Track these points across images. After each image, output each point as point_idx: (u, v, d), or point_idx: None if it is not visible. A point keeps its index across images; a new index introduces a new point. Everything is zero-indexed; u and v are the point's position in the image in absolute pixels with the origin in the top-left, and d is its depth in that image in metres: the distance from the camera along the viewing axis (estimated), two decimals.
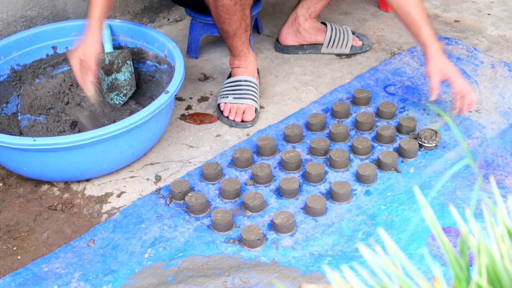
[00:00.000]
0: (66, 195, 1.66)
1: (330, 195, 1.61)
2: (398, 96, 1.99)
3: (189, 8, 2.14)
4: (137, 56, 1.95)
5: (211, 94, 2.05)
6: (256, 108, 1.92)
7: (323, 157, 1.75)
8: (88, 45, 1.69)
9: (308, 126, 1.86)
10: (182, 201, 1.61)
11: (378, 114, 1.90)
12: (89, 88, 1.73)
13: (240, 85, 1.93)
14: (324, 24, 2.23)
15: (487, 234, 0.67)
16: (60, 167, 1.61)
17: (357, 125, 1.85)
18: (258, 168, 1.67)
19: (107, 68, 1.86)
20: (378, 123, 1.87)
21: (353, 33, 2.25)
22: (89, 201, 1.65)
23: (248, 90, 1.92)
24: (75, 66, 1.68)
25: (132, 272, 1.43)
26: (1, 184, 1.71)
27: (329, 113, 1.92)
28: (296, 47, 2.23)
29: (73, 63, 1.69)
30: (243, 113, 1.89)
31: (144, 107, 1.71)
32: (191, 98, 2.03)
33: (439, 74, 1.75)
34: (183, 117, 1.94)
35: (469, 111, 1.89)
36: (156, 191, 1.66)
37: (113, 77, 1.87)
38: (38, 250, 1.51)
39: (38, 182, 1.70)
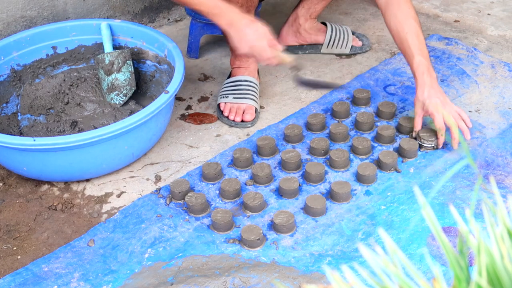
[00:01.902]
0: (66, 195, 1.66)
1: (330, 195, 1.61)
2: (398, 96, 1.99)
3: None
4: (137, 56, 1.95)
5: (211, 94, 2.05)
6: (256, 108, 1.92)
7: (323, 157, 1.75)
8: (259, 29, 1.63)
9: (308, 126, 1.86)
10: (182, 201, 1.61)
11: (378, 114, 1.90)
12: (285, 56, 1.67)
13: (240, 85, 1.93)
14: (324, 24, 2.23)
15: (487, 234, 0.67)
16: (60, 167, 1.61)
17: (357, 125, 1.85)
18: (258, 168, 1.67)
19: (107, 68, 1.86)
20: (378, 123, 1.87)
21: (353, 33, 2.25)
22: (89, 201, 1.65)
23: (248, 90, 1.92)
24: (265, 52, 1.63)
25: (132, 272, 1.43)
26: (1, 184, 1.71)
27: (329, 113, 1.92)
28: (296, 47, 2.23)
29: (262, 49, 1.63)
30: (243, 113, 1.89)
31: (144, 107, 1.71)
32: (191, 98, 2.03)
33: (421, 109, 1.73)
34: (183, 117, 1.94)
35: (470, 111, 1.89)
36: (156, 191, 1.66)
37: (113, 77, 1.87)
38: (38, 250, 1.51)
39: (38, 182, 1.70)
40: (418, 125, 1.76)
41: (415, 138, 1.77)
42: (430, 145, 1.75)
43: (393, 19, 1.79)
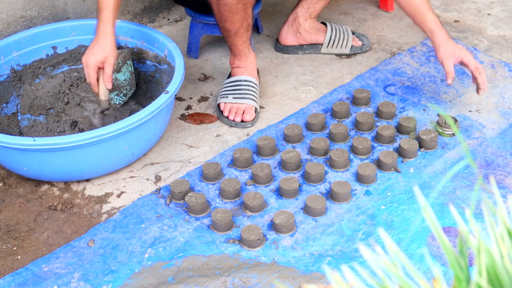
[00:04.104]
0: (66, 195, 1.66)
1: (330, 195, 1.61)
2: (398, 96, 1.99)
3: (189, 7, 2.14)
4: (137, 56, 1.95)
5: (211, 94, 2.05)
6: (256, 108, 1.92)
7: (323, 157, 1.75)
8: (108, 51, 1.71)
9: (308, 126, 1.86)
10: (182, 201, 1.61)
11: (378, 114, 1.90)
12: (105, 93, 1.80)
13: (240, 85, 1.93)
14: (324, 24, 2.23)
15: (487, 234, 0.67)
16: (60, 167, 1.61)
17: (357, 125, 1.85)
18: (258, 168, 1.67)
19: None
20: (378, 123, 1.87)
21: (353, 33, 2.25)
22: (89, 201, 1.65)
23: (248, 90, 1.92)
24: (92, 72, 1.72)
25: (132, 272, 1.43)
26: (1, 184, 1.71)
27: (329, 113, 1.92)
28: (296, 47, 2.23)
29: (90, 69, 1.71)
30: (243, 113, 1.89)
31: (144, 107, 1.71)
32: (191, 98, 2.03)
33: (452, 57, 1.79)
34: (183, 117, 1.94)
35: (470, 111, 1.89)
36: (156, 191, 1.66)
37: (113, 77, 1.87)
38: (38, 250, 1.51)
39: (38, 182, 1.70)
40: (453, 72, 1.79)
41: (415, 139, 1.77)
42: (450, 132, 1.79)
43: None
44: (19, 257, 1.50)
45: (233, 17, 1.81)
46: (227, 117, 1.90)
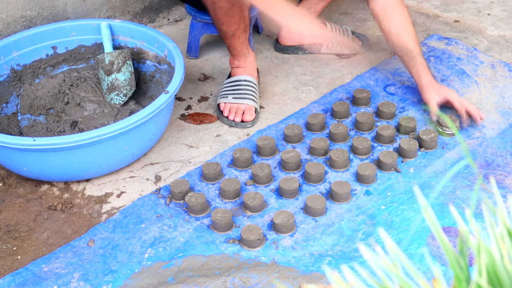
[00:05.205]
0: (66, 195, 1.66)
1: (330, 195, 1.61)
2: (398, 96, 1.99)
3: (191, 5, 2.14)
4: (137, 56, 1.95)
5: (211, 94, 2.05)
6: (256, 108, 1.92)
7: (323, 157, 1.75)
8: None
9: (308, 126, 1.86)
10: (182, 201, 1.61)
11: (378, 114, 1.90)
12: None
13: (239, 85, 1.93)
14: (324, 24, 2.23)
15: (487, 234, 0.67)
16: (60, 167, 1.61)
17: (357, 125, 1.85)
18: (258, 168, 1.67)
19: (107, 68, 1.86)
20: (378, 123, 1.87)
21: (353, 33, 2.25)
22: (89, 201, 1.65)
23: (247, 90, 1.92)
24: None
25: (132, 272, 1.43)
26: (1, 184, 1.71)
27: (329, 113, 1.92)
28: (296, 47, 2.23)
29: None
30: (243, 113, 1.89)
31: (144, 107, 1.71)
32: (191, 98, 2.03)
33: (436, 96, 1.83)
34: (183, 117, 1.94)
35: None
36: (156, 191, 1.66)
37: (113, 77, 1.87)
38: (38, 250, 1.51)
39: (38, 182, 1.70)
40: (436, 110, 1.83)
41: (415, 139, 1.77)
42: (451, 132, 1.80)
43: (393, 24, 1.91)
44: (19, 257, 1.50)
45: (229, 20, 1.81)
46: (227, 117, 1.90)
